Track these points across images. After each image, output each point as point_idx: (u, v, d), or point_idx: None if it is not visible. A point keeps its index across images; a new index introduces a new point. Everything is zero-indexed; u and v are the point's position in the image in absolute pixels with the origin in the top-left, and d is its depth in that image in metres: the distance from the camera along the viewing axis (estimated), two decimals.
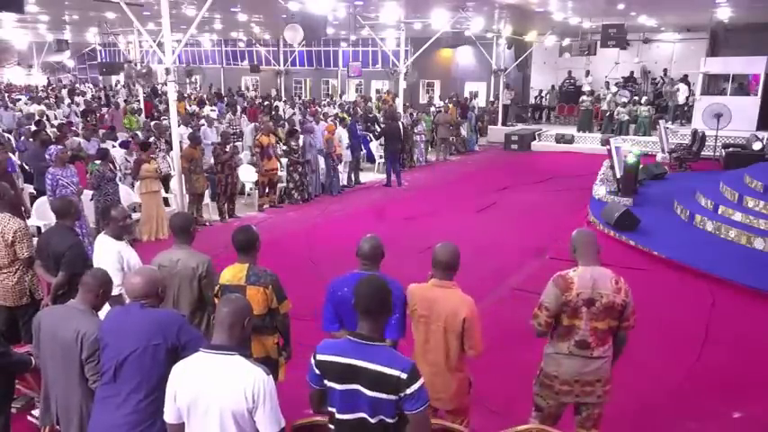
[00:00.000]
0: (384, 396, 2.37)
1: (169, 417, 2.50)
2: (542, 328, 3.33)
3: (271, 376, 2.42)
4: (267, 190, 10.92)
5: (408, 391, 2.34)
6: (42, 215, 7.80)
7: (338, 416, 2.48)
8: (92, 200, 7.85)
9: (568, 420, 3.49)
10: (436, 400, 3.32)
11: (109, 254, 4.06)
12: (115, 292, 3.94)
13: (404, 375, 2.34)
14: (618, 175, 10.81)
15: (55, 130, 12.05)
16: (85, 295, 3.13)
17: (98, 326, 3.00)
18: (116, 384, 2.83)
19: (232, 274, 3.59)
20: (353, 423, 2.45)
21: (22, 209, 7.21)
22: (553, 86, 22.41)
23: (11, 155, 9.27)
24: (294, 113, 17.98)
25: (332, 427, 2.53)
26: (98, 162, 8.12)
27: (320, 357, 2.49)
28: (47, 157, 7.33)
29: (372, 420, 2.42)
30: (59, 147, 7.53)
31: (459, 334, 3.19)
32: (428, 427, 2.57)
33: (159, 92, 21.59)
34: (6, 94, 22.36)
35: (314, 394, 2.59)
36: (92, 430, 2.91)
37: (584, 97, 19.22)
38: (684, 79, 19.22)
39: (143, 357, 2.80)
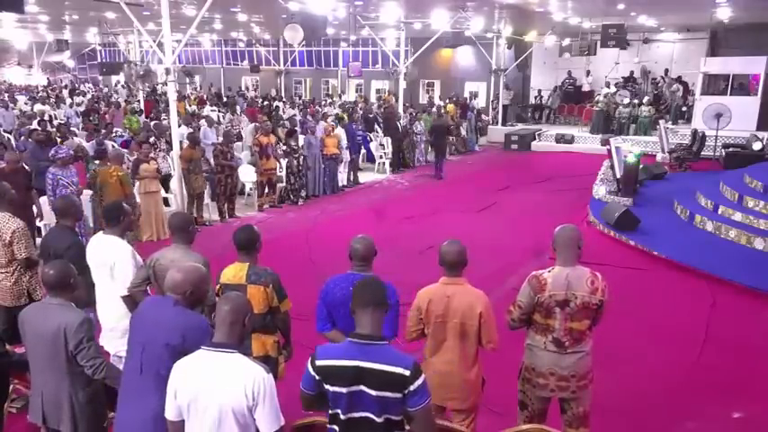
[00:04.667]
0: (390, 395, 2.38)
1: (170, 414, 2.51)
2: (515, 324, 3.42)
3: (271, 374, 2.43)
4: (267, 190, 10.93)
5: (412, 387, 2.36)
6: (43, 215, 7.79)
7: (342, 416, 2.48)
8: (90, 200, 7.84)
9: (559, 422, 3.49)
10: (450, 399, 3.33)
11: (124, 254, 4.00)
12: (126, 292, 3.91)
13: (407, 372, 2.36)
14: (618, 175, 10.81)
15: (54, 130, 12.03)
16: (60, 291, 3.13)
17: (80, 317, 3.01)
18: (141, 377, 2.81)
19: (233, 273, 3.59)
20: (358, 422, 2.46)
21: (34, 209, 7.21)
22: (556, 87, 22.35)
23: None
24: (295, 114, 18.01)
25: (335, 428, 2.52)
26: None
27: (321, 363, 2.47)
28: (50, 156, 7.34)
29: (378, 420, 2.43)
30: (64, 148, 7.55)
31: (476, 329, 3.23)
32: (433, 421, 2.59)
33: (159, 92, 21.59)
34: (7, 94, 22.36)
35: (305, 398, 2.57)
36: (119, 427, 2.90)
37: (599, 98, 18.84)
38: (679, 79, 19.24)
39: (163, 353, 2.75)
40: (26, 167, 7.82)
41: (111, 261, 4.01)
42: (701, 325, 6.03)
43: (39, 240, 5.12)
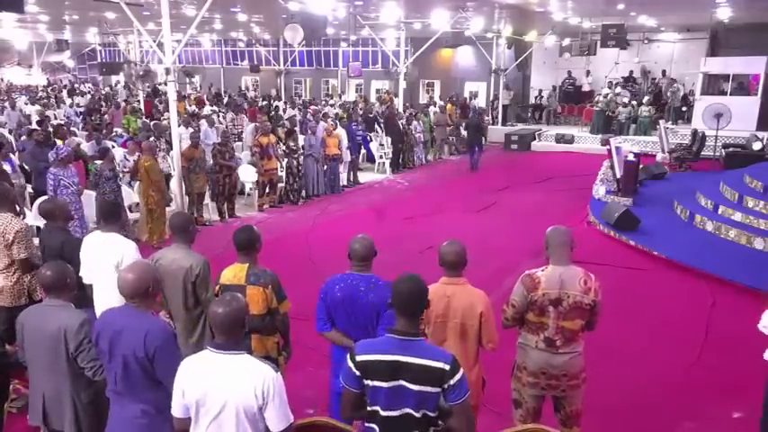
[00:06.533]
0: (429, 389, 2.41)
1: (177, 411, 2.52)
2: (509, 323, 3.44)
3: (279, 373, 2.44)
4: (267, 190, 10.93)
5: (452, 381, 2.39)
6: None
7: (383, 413, 2.48)
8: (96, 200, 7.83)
9: (556, 421, 3.50)
10: None
11: (131, 249, 4.01)
12: None
13: (447, 367, 2.39)
14: (618, 175, 10.81)
15: (52, 130, 12.01)
16: (58, 293, 3.14)
17: (79, 318, 3.02)
18: (117, 381, 2.84)
19: (233, 273, 3.59)
20: (398, 419, 2.47)
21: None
22: (554, 87, 22.36)
23: (11, 155, 9.26)
24: (295, 115, 18.03)
25: (374, 426, 2.51)
26: (98, 162, 8.12)
27: (361, 358, 2.47)
28: (52, 156, 7.32)
29: (417, 414, 2.45)
30: (65, 147, 7.54)
31: (476, 329, 3.24)
32: (472, 416, 2.61)
33: (160, 92, 21.58)
34: (7, 95, 22.35)
35: (349, 397, 2.55)
36: (110, 426, 2.93)
37: (599, 98, 18.84)
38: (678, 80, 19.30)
39: (132, 363, 2.78)
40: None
41: (118, 257, 3.99)
42: (701, 325, 6.04)
43: (37, 240, 5.12)
